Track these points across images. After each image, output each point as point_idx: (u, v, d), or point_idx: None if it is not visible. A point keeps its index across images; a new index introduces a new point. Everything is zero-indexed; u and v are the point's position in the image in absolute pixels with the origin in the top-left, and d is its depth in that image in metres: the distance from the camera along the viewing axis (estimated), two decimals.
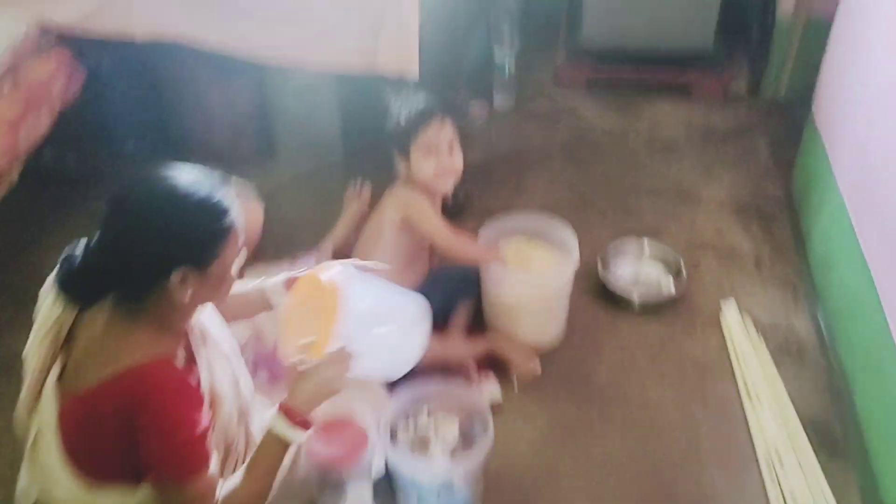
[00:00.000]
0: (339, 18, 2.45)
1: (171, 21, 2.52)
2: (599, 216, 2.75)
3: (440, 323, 2.19)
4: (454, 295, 2.31)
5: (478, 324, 2.28)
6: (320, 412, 1.40)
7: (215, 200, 1.30)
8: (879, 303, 1.82)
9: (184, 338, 1.40)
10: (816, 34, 3.15)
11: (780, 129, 3.22)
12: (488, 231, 2.23)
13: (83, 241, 1.33)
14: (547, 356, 2.21)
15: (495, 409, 2.07)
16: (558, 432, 2.03)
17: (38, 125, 2.48)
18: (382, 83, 2.53)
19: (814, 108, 2.64)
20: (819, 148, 2.49)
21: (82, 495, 1.35)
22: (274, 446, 1.36)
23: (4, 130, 2.31)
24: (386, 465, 1.77)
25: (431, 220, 2.09)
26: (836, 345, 2.13)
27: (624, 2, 3.31)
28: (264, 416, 1.48)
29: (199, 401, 1.33)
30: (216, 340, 1.48)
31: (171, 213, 1.28)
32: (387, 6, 2.42)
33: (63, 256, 1.32)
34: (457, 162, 2.10)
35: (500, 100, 3.38)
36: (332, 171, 2.99)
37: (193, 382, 1.34)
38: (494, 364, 2.16)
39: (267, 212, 2.05)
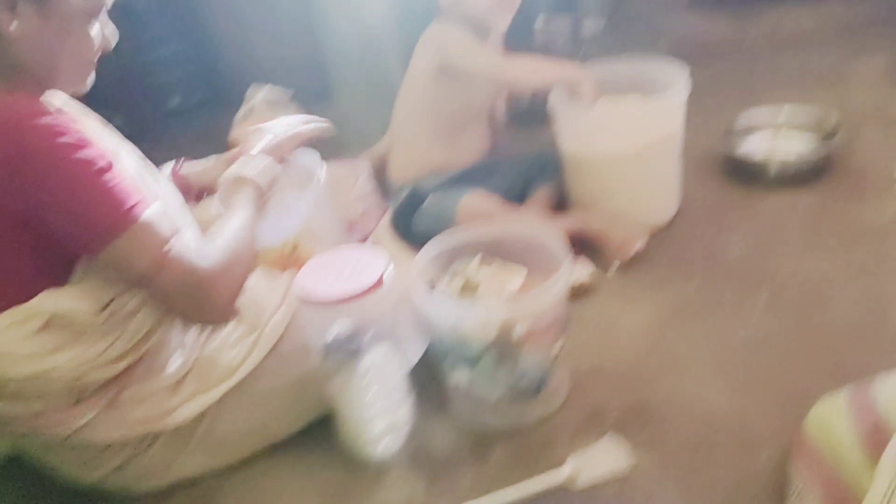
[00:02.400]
0: None
1: None
2: (716, 104, 2.16)
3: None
4: (529, 178, 1.80)
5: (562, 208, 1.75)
6: None
7: None
8: None
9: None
10: None
11: None
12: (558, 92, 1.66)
13: None
14: (654, 234, 1.64)
15: (585, 291, 1.52)
16: (674, 316, 1.44)
17: None
18: None
19: None
20: None
21: None
22: (238, 186, 1.18)
23: None
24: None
25: (475, 51, 1.59)
26: None
27: None
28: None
29: (83, 138, 0.97)
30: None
31: None
32: None
33: None
34: None
35: (587, 22, 2.88)
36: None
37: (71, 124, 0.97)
38: (583, 244, 1.61)
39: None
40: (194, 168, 1.42)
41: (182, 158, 1.43)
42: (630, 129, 1.58)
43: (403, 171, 1.75)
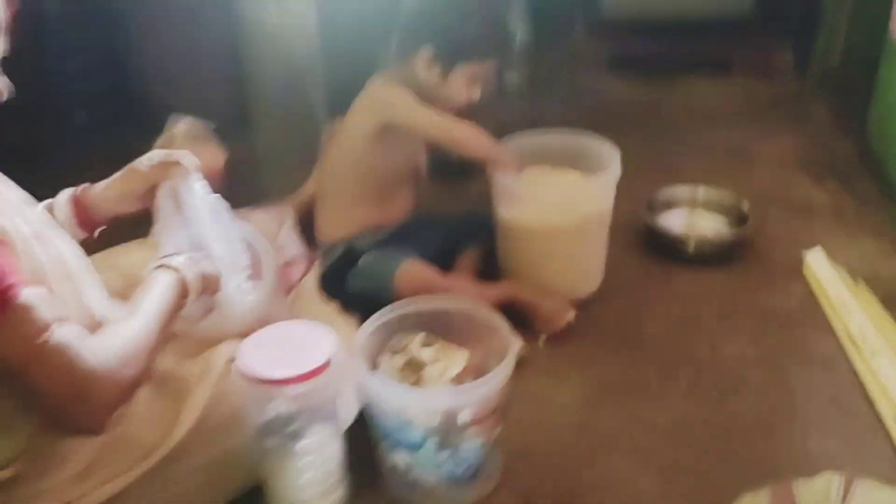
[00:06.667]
0: None
1: None
2: (636, 175, 2.21)
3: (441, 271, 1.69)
4: (458, 240, 1.81)
5: (491, 275, 1.76)
6: None
7: None
8: None
9: None
10: None
11: (841, 96, 2.76)
12: None
13: None
14: (580, 308, 1.68)
15: (516, 366, 1.53)
16: (602, 395, 1.48)
17: None
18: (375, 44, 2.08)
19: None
20: None
21: None
22: (160, 279, 1.10)
23: None
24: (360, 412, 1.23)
25: (419, 110, 1.60)
26: None
27: None
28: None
29: None
30: None
31: None
32: None
33: None
34: (475, 98, 1.67)
35: (510, 76, 2.94)
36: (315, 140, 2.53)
37: None
38: (513, 315, 1.62)
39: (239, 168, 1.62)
40: (97, 190, 1.27)
41: (85, 185, 1.28)
42: (568, 203, 1.63)
43: (333, 230, 1.72)
